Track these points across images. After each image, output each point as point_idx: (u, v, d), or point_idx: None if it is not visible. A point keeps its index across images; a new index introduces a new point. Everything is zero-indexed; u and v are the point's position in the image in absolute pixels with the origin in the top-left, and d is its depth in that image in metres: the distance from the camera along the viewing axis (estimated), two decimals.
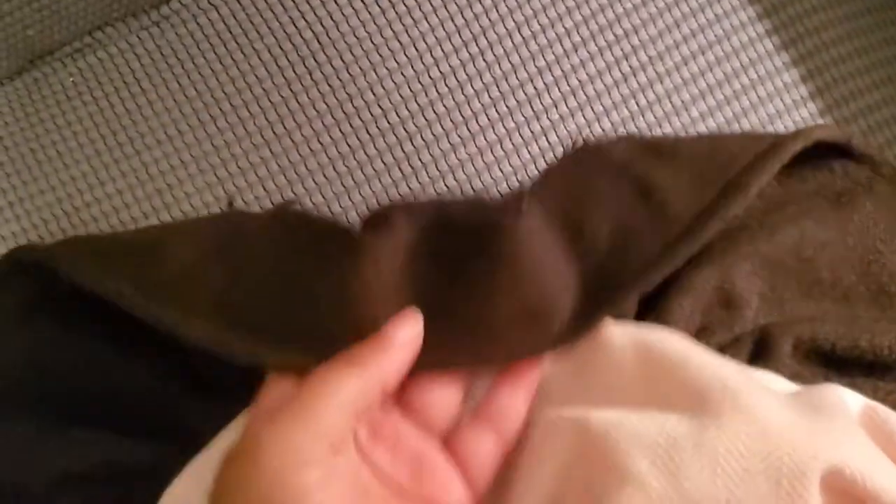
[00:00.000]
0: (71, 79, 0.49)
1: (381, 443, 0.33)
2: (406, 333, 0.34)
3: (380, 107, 0.47)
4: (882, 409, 0.33)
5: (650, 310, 0.39)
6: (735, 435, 0.31)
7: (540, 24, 0.49)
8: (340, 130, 0.47)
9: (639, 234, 0.37)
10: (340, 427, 0.32)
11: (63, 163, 0.48)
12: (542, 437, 0.37)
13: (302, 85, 0.47)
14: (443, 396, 0.35)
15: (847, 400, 0.33)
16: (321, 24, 0.48)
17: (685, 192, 0.37)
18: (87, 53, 0.49)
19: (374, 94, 0.47)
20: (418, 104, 0.47)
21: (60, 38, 0.49)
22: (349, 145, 0.47)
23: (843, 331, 0.39)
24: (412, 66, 0.48)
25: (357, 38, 0.48)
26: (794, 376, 0.36)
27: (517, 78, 0.48)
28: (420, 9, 0.48)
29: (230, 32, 0.48)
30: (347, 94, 0.47)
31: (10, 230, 0.47)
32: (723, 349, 0.38)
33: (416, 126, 0.47)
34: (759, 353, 0.38)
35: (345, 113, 0.47)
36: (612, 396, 0.36)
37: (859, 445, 0.31)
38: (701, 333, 0.38)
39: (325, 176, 0.47)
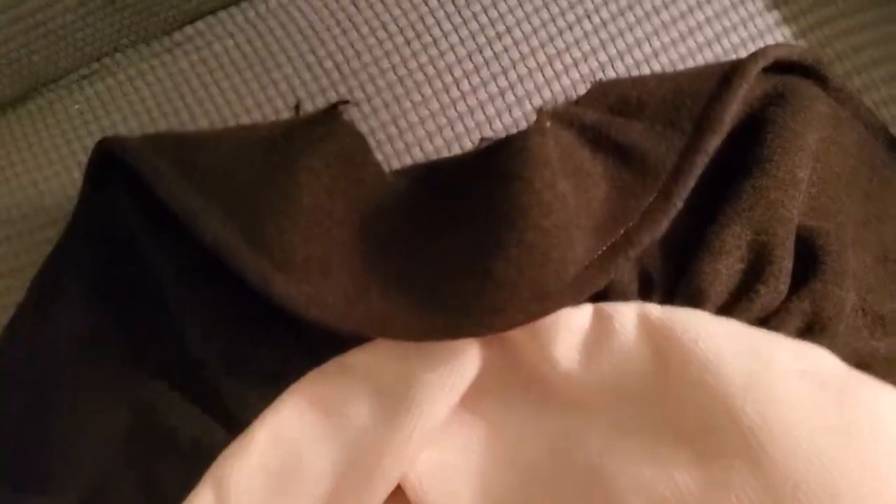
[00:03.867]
0: (77, 106, 0.47)
1: None
2: None
3: (403, 141, 0.45)
4: None
5: (683, 277, 0.38)
6: (744, 496, 0.30)
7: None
8: None
9: (630, 194, 0.37)
10: None
11: (66, 194, 0.45)
12: (559, 478, 0.36)
13: None
14: None
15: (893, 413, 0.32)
16: (342, 53, 0.46)
17: (661, 142, 0.37)
18: (95, 80, 0.47)
19: (396, 127, 0.45)
20: (444, 139, 0.45)
21: (67, 64, 0.47)
22: None
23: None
24: (437, 99, 0.45)
25: (380, 70, 0.45)
26: (847, 356, 0.35)
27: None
28: (446, 39, 0.46)
29: (246, 61, 0.46)
30: (369, 126, 0.45)
31: (7, 266, 0.45)
32: (768, 318, 0.37)
33: None
34: (810, 326, 0.37)
35: None
36: (626, 397, 0.35)
37: (890, 500, 0.29)
38: (742, 297, 0.37)
39: None
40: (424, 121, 0.45)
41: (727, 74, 0.39)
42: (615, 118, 0.39)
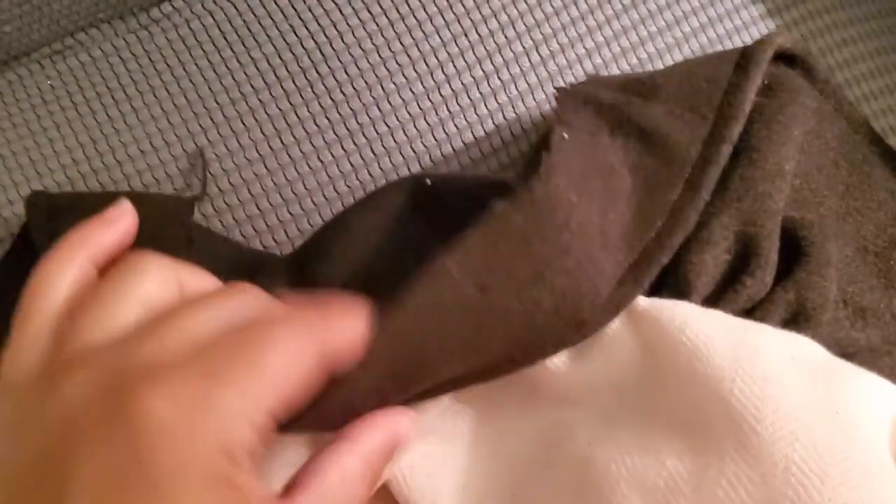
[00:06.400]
0: (49, 82, 0.45)
1: None
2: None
3: (386, 124, 0.44)
4: None
5: (670, 268, 0.36)
6: (735, 479, 0.29)
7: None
8: (343, 148, 0.44)
9: (655, 186, 0.35)
10: None
11: (36, 171, 0.44)
12: (547, 469, 0.34)
13: (302, 98, 0.44)
14: None
15: (879, 401, 0.31)
16: (324, 33, 0.45)
17: (684, 128, 0.36)
18: (69, 56, 0.45)
19: (380, 110, 0.44)
20: (427, 122, 0.44)
21: (40, 37, 0.45)
22: (351, 163, 0.44)
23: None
24: (421, 82, 0.45)
25: (363, 51, 0.45)
26: (830, 346, 0.34)
27: (534, 99, 0.45)
28: (431, 22, 0.45)
29: (225, 39, 0.45)
30: (351, 109, 0.44)
31: None
32: (753, 309, 0.36)
33: (425, 146, 0.44)
34: (795, 316, 0.36)
35: (348, 129, 0.44)
36: (615, 389, 0.34)
37: (878, 480, 0.29)
38: (728, 288, 0.36)
39: (324, 196, 0.43)
40: (407, 103, 0.44)
41: (740, 62, 0.37)
42: (633, 98, 0.37)
